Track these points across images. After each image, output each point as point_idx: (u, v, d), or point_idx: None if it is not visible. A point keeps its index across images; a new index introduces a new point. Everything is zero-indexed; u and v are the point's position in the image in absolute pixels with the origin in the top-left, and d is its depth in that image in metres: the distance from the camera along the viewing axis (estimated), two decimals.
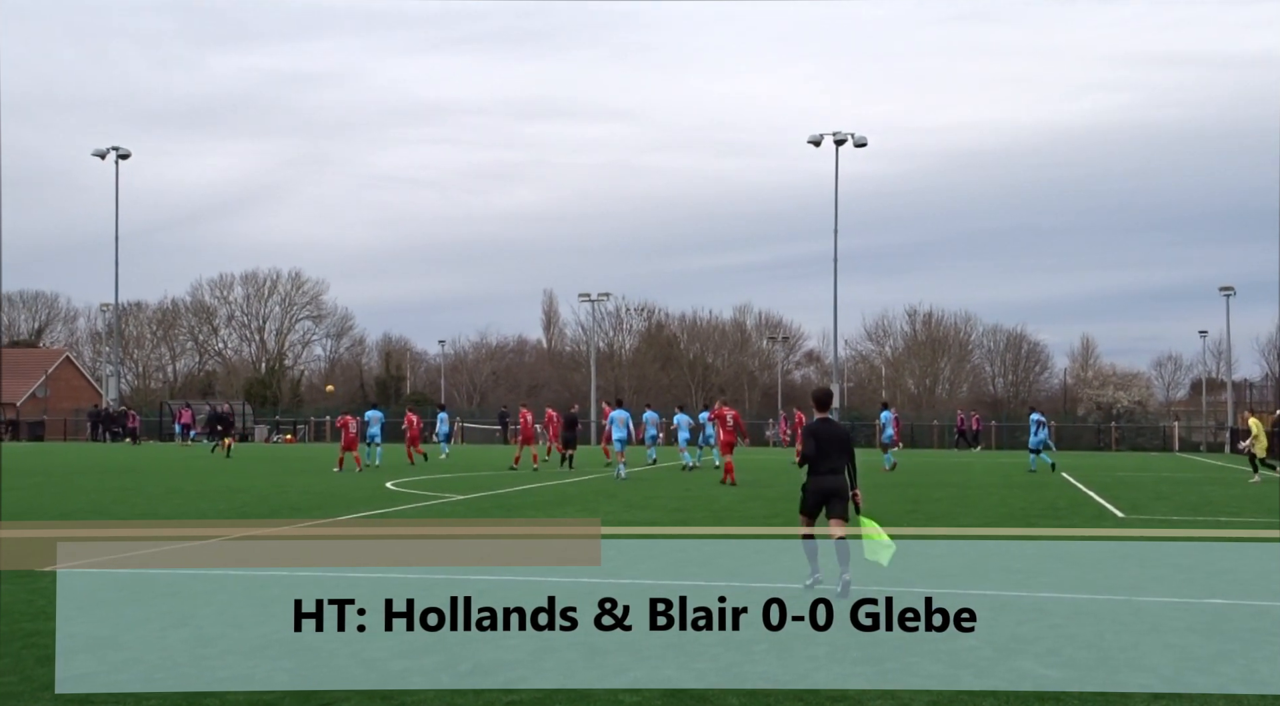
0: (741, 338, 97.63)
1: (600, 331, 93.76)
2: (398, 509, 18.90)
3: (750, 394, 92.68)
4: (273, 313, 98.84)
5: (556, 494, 22.50)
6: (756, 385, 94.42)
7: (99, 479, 27.41)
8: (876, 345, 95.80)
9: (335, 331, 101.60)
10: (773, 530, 15.70)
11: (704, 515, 17.94)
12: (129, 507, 19.01)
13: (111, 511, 18.25)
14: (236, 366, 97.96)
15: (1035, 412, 34.94)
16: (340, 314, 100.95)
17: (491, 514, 17.96)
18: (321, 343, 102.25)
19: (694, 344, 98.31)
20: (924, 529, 16.00)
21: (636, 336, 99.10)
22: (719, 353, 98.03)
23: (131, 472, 30.62)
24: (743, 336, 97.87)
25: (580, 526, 15.41)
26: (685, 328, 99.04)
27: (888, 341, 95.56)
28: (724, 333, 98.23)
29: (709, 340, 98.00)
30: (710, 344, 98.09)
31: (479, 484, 25.52)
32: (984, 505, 20.56)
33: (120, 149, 67.77)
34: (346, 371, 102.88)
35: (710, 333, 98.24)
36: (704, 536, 14.91)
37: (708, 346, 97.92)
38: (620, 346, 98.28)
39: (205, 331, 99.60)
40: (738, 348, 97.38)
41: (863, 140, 62.86)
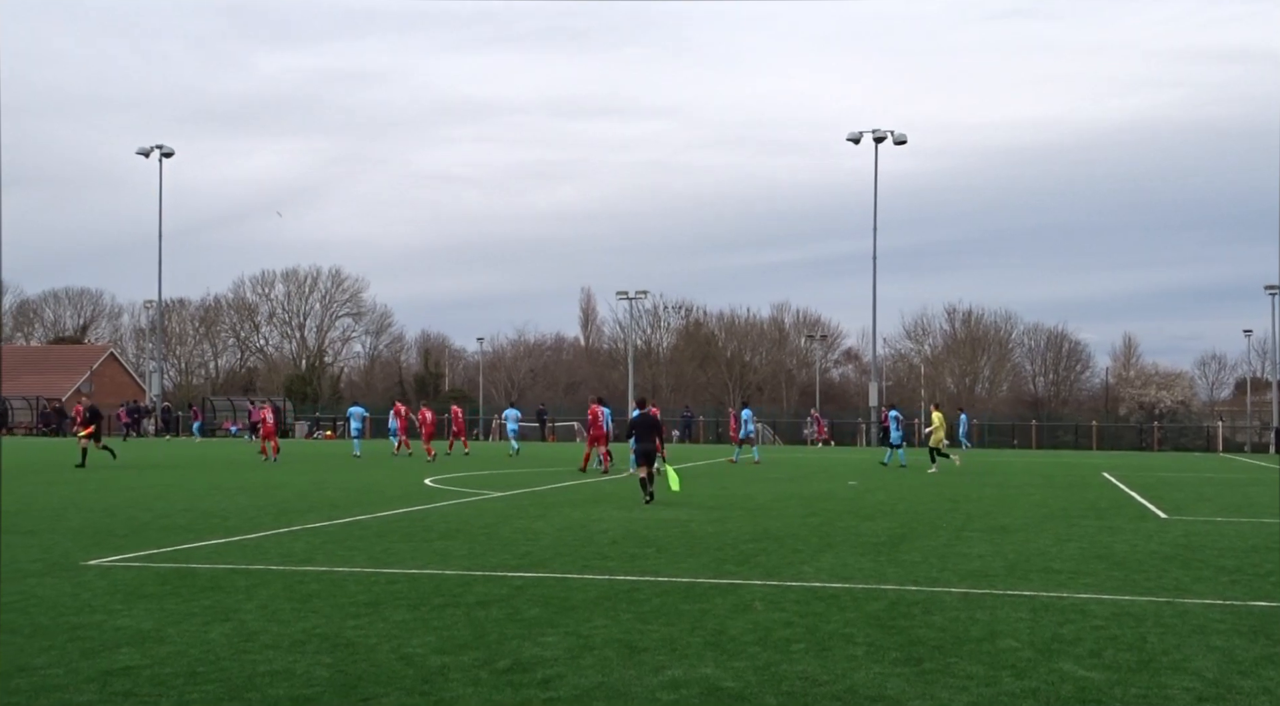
0: (780, 336, 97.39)
1: (638, 329, 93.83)
2: (436, 505, 19.00)
3: (788, 392, 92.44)
4: (313, 310, 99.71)
5: (593, 491, 22.53)
6: (794, 383, 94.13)
7: (140, 474, 27.73)
8: (915, 344, 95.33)
9: (375, 328, 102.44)
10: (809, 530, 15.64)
11: (740, 514, 17.91)
12: (170, 503, 19.21)
13: (153, 506, 18.45)
14: (277, 363, 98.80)
15: (893, 410, 35.06)
16: (380, 311, 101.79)
17: (529, 511, 18.02)
18: (361, 340, 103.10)
19: (732, 342, 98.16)
20: (962, 528, 15.90)
21: (674, 334, 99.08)
22: (757, 351, 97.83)
23: (172, 469, 30.96)
24: (781, 334, 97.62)
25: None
26: (723, 326, 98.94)
27: (927, 340, 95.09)
28: (762, 331, 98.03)
29: (747, 338, 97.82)
30: (748, 342, 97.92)
31: (517, 481, 25.61)
32: (1024, 504, 20.41)
33: (164, 147, 68.44)
34: (385, 368, 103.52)
35: (748, 331, 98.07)
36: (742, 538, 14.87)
37: (745, 344, 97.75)
38: (658, 344, 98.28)
39: (247, 328, 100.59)
40: (776, 346, 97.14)
41: (903, 137, 62.50)
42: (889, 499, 21.52)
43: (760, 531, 15.23)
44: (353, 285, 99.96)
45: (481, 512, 17.83)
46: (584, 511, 18.12)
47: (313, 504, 19.12)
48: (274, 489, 22.78)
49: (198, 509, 18.04)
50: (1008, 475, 31.37)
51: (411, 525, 15.74)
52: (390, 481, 25.44)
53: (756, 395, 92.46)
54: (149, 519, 16.31)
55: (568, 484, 24.94)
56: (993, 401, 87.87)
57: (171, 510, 17.77)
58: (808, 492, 23.01)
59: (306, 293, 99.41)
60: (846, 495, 22.47)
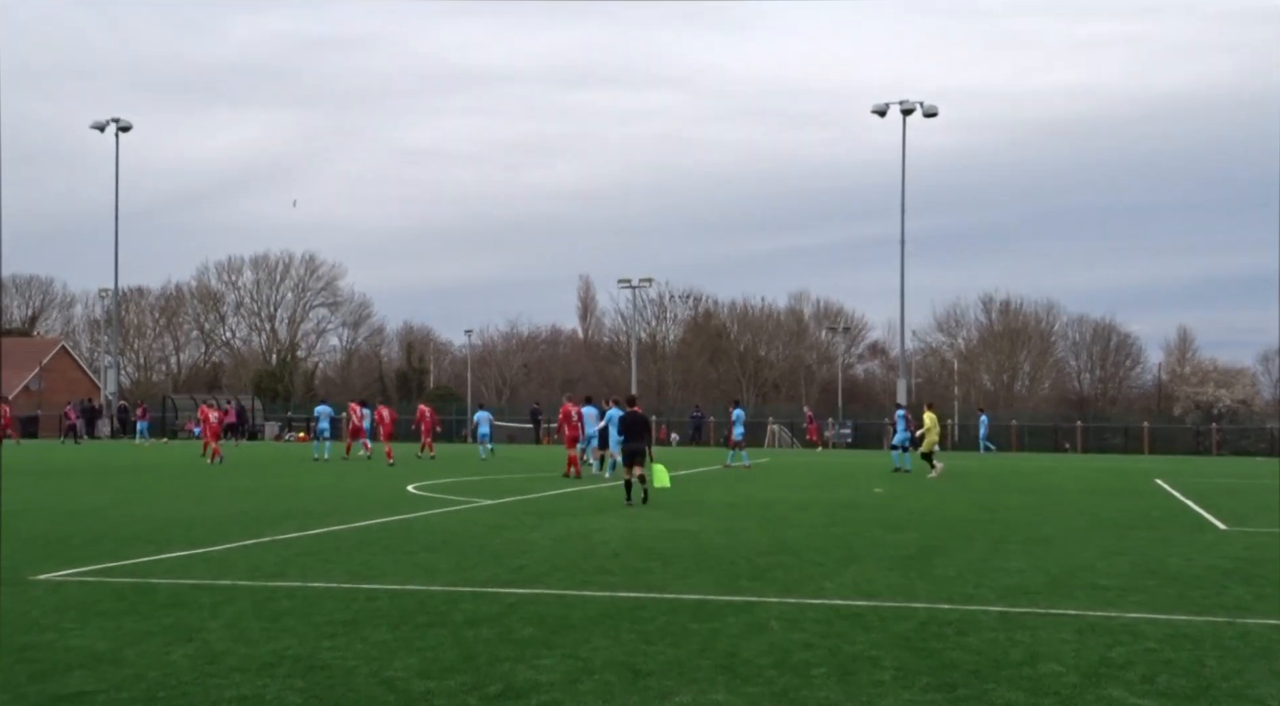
0: (798, 328, 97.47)
1: (642, 320, 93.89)
2: (420, 514, 19.01)
3: (808, 390, 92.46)
4: (285, 299, 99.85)
5: (593, 499, 22.54)
6: (815, 380, 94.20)
7: (97, 480, 27.76)
8: (948, 337, 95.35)
9: (352, 320, 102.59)
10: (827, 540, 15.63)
11: (755, 524, 17.91)
12: (128, 511, 19.23)
13: (109, 515, 18.47)
14: (245, 357, 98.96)
15: (901, 409, 35.02)
16: (358, 301, 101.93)
17: (522, 521, 18.02)
18: (337, 332, 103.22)
19: (745, 335, 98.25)
20: (1000, 540, 15.89)
21: (682, 326, 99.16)
22: (773, 344, 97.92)
23: (133, 473, 30.99)
24: (799, 327, 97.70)
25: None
26: (736, 317, 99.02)
27: (960, 333, 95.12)
28: (779, 322, 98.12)
29: (762, 331, 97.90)
30: (763, 335, 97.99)
31: (509, 488, 25.61)
32: (1068, 513, 20.40)
33: (121, 121, 68.47)
34: (364, 363, 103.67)
35: (763, 322, 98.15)
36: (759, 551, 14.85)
37: (760, 337, 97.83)
38: (664, 337, 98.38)
39: (212, 319, 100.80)
40: (794, 339, 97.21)
41: (933, 109, 62.48)
42: (919, 507, 21.51)
43: (777, 543, 15.22)
44: (328, 272, 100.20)
45: (470, 522, 17.83)
46: (583, 521, 18.12)
47: (285, 512, 19.13)
48: (242, 496, 22.80)
49: (158, 518, 18.06)
50: (1050, 481, 31.34)
51: (393, 536, 15.74)
52: (370, 488, 25.45)
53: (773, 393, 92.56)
54: (105, 528, 16.34)
55: (564, 491, 24.95)
56: (1033, 400, 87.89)
57: (130, 519, 17.79)
58: (829, 500, 23.01)
59: (277, 280, 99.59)
60: (872, 503, 22.46)
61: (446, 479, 28.81)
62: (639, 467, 21.38)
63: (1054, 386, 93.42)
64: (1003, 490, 27.07)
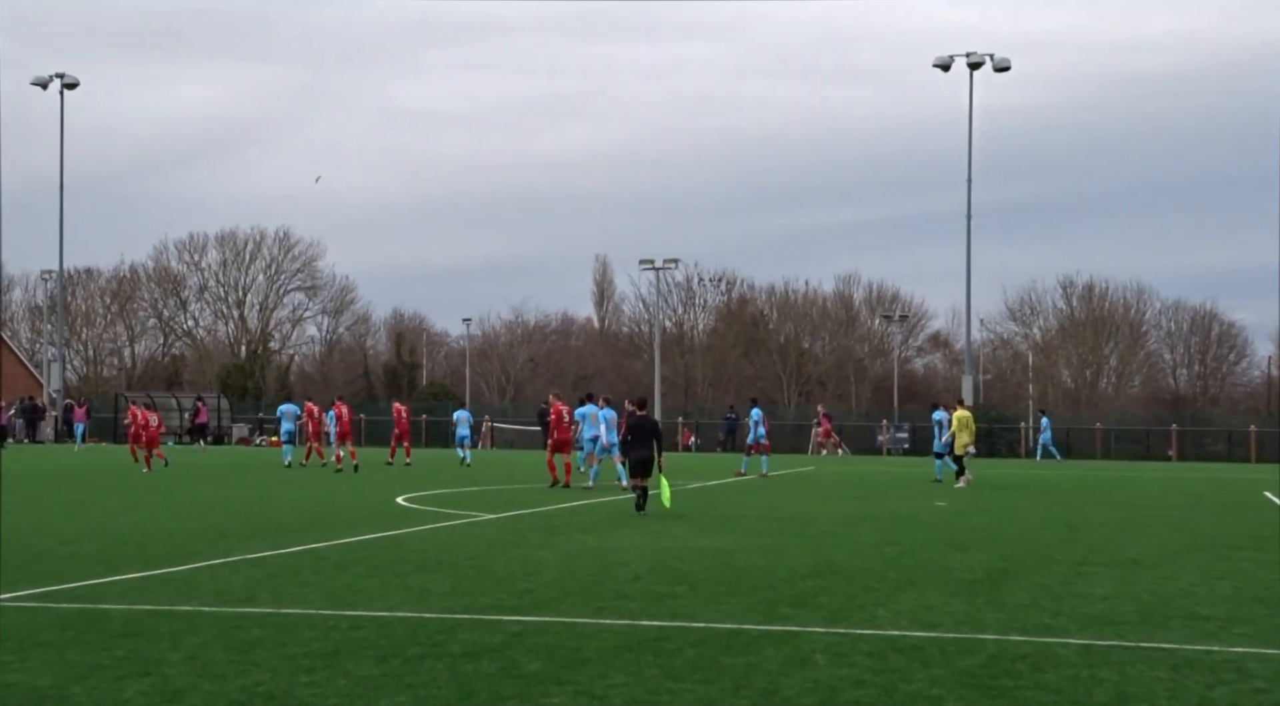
0: (847, 317, 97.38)
1: (667, 308, 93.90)
2: (411, 530, 19.05)
3: (858, 388, 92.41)
4: (255, 283, 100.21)
5: (610, 512, 22.56)
6: (866, 377, 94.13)
7: (38, 489, 27.88)
8: (1022, 327, 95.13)
9: (333, 307, 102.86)
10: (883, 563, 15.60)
11: (797, 542, 17.88)
12: (76, 526, 19.32)
13: (54, 530, 18.55)
14: (210, 349, 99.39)
15: (938, 410, 34.78)
16: (340, 285, 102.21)
17: (529, 538, 18.04)
18: (316, 320, 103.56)
19: (786, 324, 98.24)
20: (1082, 561, 15.83)
21: (713, 314, 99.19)
22: (818, 335, 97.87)
23: (80, 481, 31.14)
24: (849, 315, 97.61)
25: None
26: (775, 303, 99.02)
27: (1036, 321, 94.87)
28: (825, 310, 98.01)
29: (805, 319, 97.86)
30: (807, 324, 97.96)
31: (513, 500, 25.64)
32: (1161, 532, 20.32)
33: (66, 77, 68.80)
34: (347, 356, 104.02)
35: (807, 310, 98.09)
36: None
37: (804, 327, 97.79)
38: (692, 327, 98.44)
39: (171, 306, 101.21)
40: (843, 329, 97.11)
41: (1005, 63, 62.27)
42: (988, 523, 21.46)
43: (823, 564, 15.21)
44: (305, 251, 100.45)
45: (469, 539, 17.86)
46: (599, 538, 18.13)
47: (256, 527, 19.19)
48: (207, 508, 22.88)
49: (111, 533, 18.14)
50: (1140, 494, 31.24)
51: (380, 555, 15.77)
52: (354, 500, 25.52)
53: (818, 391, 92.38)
54: (49, 546, 16.41)
55: (576, 503, 24.97)
56: (1121, 400, 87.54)
57: (76, 535, 17.87)
58: (883, 514, 22.97)
59: (247, 261, 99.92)
60: (933, 518, 22.42)
61: (441, 489, 28.86)
62: (645, 477, 22.14)
63: (1145, 384, 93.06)
64: (1085, 503, 26.98)
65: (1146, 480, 38.91)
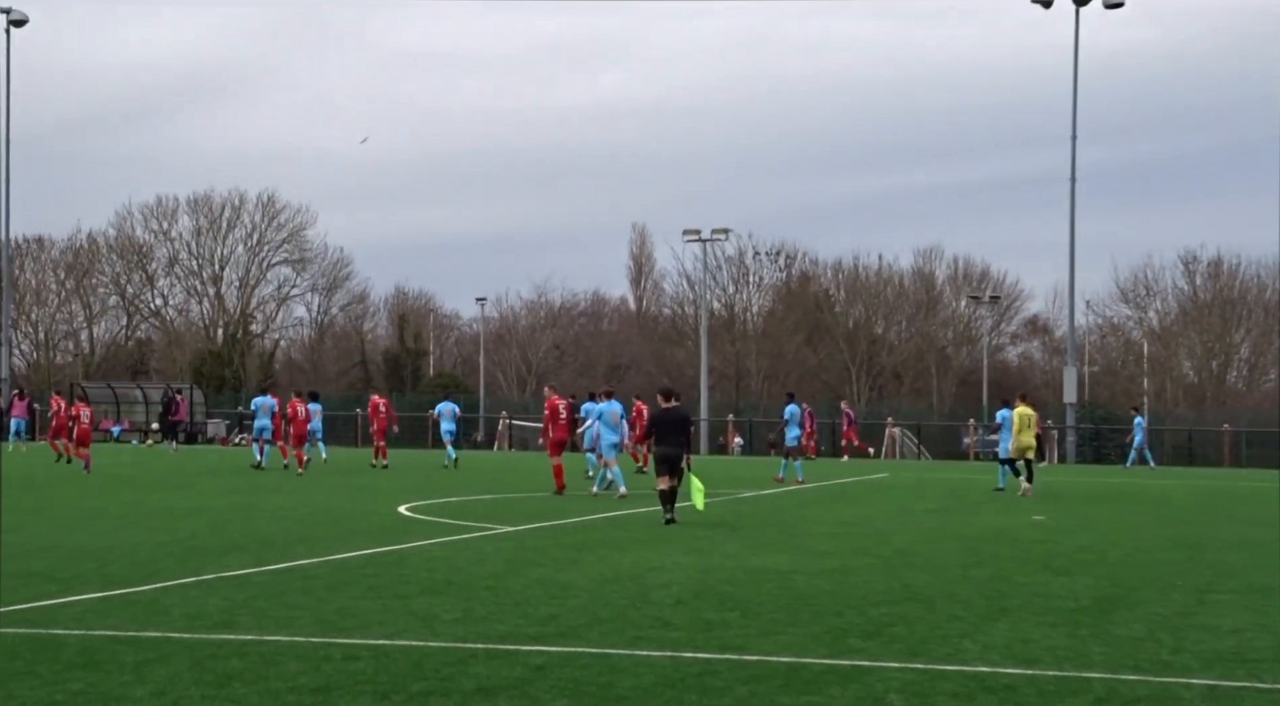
0: (928, 298, 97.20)
1: (715, 286, 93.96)
2: (416, 544, 19.09)
3: (940, 381, 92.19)
4: (234, 255, 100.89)
5: (650, 526, 22.56)
6: (949, 369, 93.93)
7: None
8: (1135, 310, 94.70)
9: (326, 283, 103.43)
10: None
11: (868, 562, 17.85)
12: (24, 538, 19.43)
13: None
14: (181, 332, 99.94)
15: (1005, 408, 35.28)
16: (333, 258, 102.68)
17: (553, 555, 18.06)
18: (305, 299, 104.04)
19: (855, 306, 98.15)
20: (1206, 588, 15.74)
21: (769, 294, 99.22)
22: (893, 319, 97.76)
23: (25, 487, 31.33)
24: (929, 296, 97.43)
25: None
26: (843, 281, 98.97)
27: (1152, 303, 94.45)
28: (901, 289, 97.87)
29: (878, 301, 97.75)
30: (880, 306, 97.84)
31: (534, 509, 25.68)
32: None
33: (12, 12, 69.16)
34: (341, 342, 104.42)
35: (880, 289, 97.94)
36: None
37: (876, 309, 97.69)
38: (744, 309, 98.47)
39: (136, 281, 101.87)
40: (922, 312, 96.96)
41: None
42: (1094, 541, 21.37)
43: (899, 588, 15.18)
44: (293, 218, 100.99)
45: (483, 556, 17.90)
46: (635, 555, 18.14)
47: (234, 540, 19.27)
48: (179, 517, 23.00)
49: (65, 547, 18.23)
50: (1277, 508, 30.99)
51: (380, 573, 15.82)
52: (349, 509, 25.63)
53: (892, 385, 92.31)
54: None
55: (610, 514, 25.01)
56: (1254, 396, 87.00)
57: (23, 549, 17.96)
58: (970, 530, 22.91)
59: (224, 229, 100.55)
60: (1029, 535, 22.33)
61: (450, 497, 28.94)
62: (673, 478, 22.89)
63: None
64: (1210, 519, 26.82)
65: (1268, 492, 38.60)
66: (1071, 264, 64.25)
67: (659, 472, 23.54)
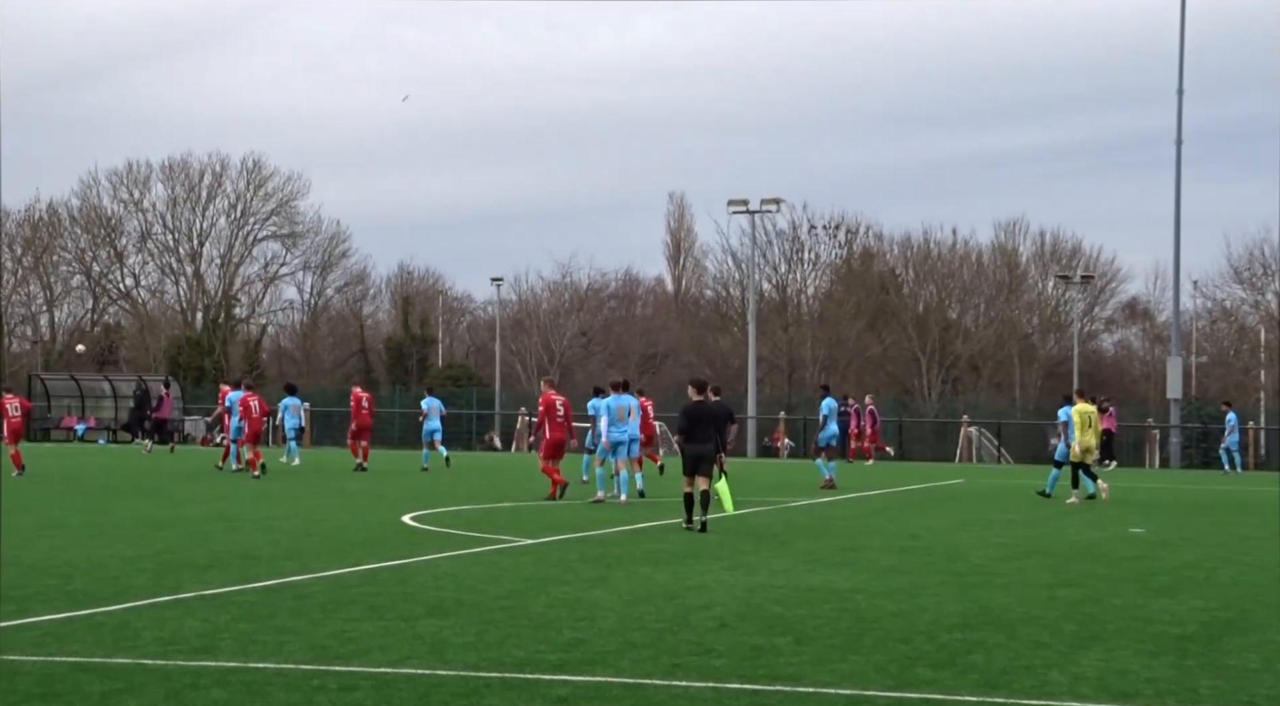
0: (1010, 278, 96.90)
1: (765, 264, 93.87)
2: (422, 558, 19.13)
3: (1024, 373, 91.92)
4: (215, 229, 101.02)
5: (690, 538, 22.56)
6: (1035, 359, 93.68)
7: None
8: (1251, 292, 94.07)
9: (320, 261, 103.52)
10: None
11: (939, 580, 17.83)
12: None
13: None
14: (155, 317, 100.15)
15: (1067, 405, 35.27)
16: (329, 232, 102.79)
17: (578, 570, 18.07)
18: (296, 279, 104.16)
19: (926, 287, 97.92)
20: None
21: (827, 273, 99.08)
22: (969, 301, 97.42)
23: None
24: (1012, 276, 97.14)
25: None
26: (911, 259, 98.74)
27: (1270, 284, 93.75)
28: (979, 268, 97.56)
29: (952, 281, 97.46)
30: (955, 287, 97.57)
31: (556, 519, 25.70)
32: None
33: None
34: (338, 327, 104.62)
35: (954, 268, 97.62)
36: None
37: (950, 291, 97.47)
38: (799, 290, 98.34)
39: (104, 258, 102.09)
40: (1004, 294, 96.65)
41: None
42: (1202, 558, 21.30)
43: (975, 611, 15.17)
44: (282, 187, 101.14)
45: (499, 572, 17.93)
46: (672, 571, 18.15)
47: (216, 554, 19.33)
48: (152, 528, 23.09)
49: (22, 561, 18.29)
50: None
51: (381, 591, 15.87)
52: (346, 518, 25.71)
53: (969, 378, 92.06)
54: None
55: (643, 525, 25.02)
56: None
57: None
58: (1057, 545, 22.86)
59: (203, 199, 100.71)
60: (1126, 551, 22.27)
61: (461, 505, 29.00)
62: (703, 479, 23.52)
63: None
64: None
65: None
66: (1177, 239, 64.03)
67: (685, 473, 23.99)
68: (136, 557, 18.81)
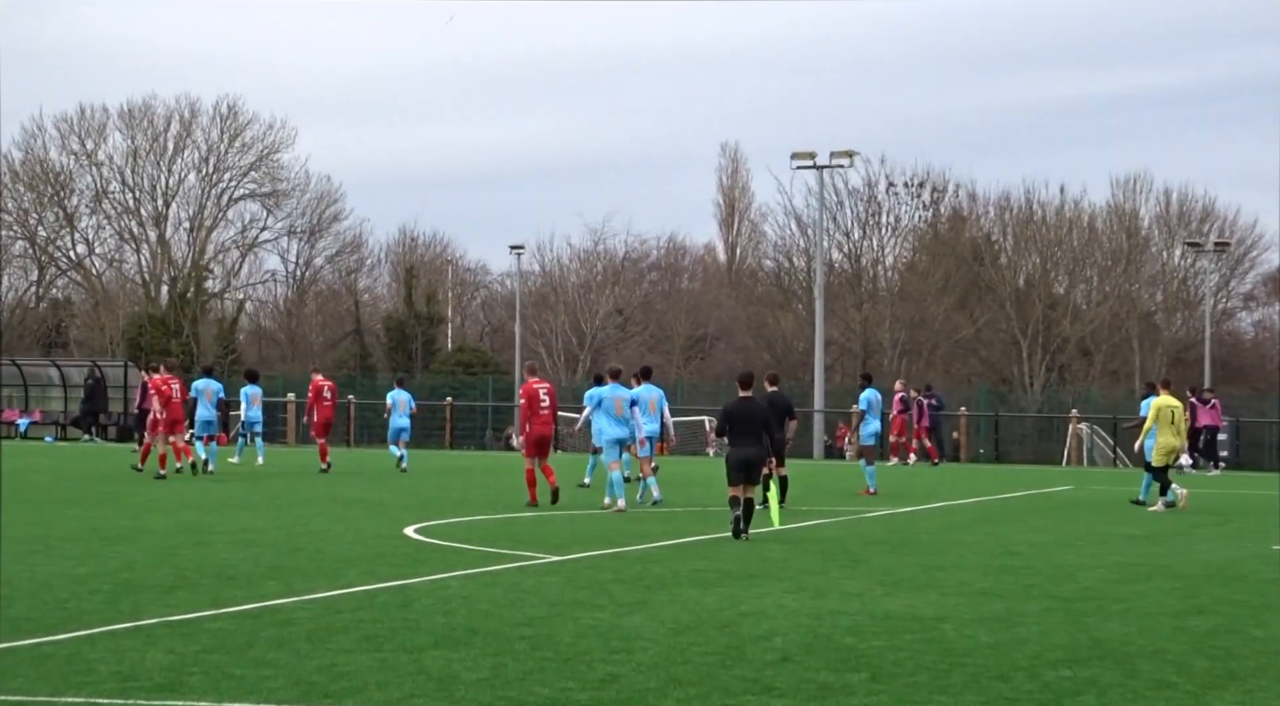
0: (1128, 245, 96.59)
1: (836, 228, 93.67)
2: (428, 579, 19.18)
3: (1145, 357, 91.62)
4: (184, 186, 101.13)
5: (743, 555, 22.57)
6: (1158, 341, 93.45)
7: None
8: None
9: (308, 225, 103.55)
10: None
11: (1043, 606, 17.81)
12: None
13: None
14: (112, 291, 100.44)
15: (1150, 395, 35.92)
16: (318, 191, 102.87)
17: (613, 593, 18.08)
18: (279, 245, 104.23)
19: (1027, 256, 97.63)
20: None
21: (909, 240, 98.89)
22: (1079, 272, 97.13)
23: None
24: (1131, 243, 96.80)
25: None
26: (1010, 222, 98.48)
27: None
28: (1091, 233, 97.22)
29: (1058, 249, 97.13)
30: (1062, 257, 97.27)
31: (585, 531, 25.73)
32: None
33: None
34: (328, 303, 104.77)
35: (1061, 234, 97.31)
36: None
37: (1056, 261, 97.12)
38: (875, 260, 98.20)
39: (51, 221, 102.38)
40: (1120, 264, 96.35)
41: None
42: None
43: (1088, 643, 15.18)
44: (262, 137, 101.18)
45: (519, 594, 17.97)
46: (723, 594, 18.17)
47: (183, 573, 19.42)
48: (108, 542, 23.18)
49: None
50: None
51: (380, 617, 15.92)
52: (337, 529, 25.81)
53: (1078, 363, 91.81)
54: None
55: (689, 539, 25.04)
56: None
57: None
58: (1185, 565, 22.85)
59: (170, 151, 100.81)
60: (1268, 572, 22.23)
61: (473, 515, 29.06)
62: (750, 486, 24.20)
63: None
64: None
65: None
66: None
67: (730, 481, 24.32)
68: (89, 577, 18.87)
